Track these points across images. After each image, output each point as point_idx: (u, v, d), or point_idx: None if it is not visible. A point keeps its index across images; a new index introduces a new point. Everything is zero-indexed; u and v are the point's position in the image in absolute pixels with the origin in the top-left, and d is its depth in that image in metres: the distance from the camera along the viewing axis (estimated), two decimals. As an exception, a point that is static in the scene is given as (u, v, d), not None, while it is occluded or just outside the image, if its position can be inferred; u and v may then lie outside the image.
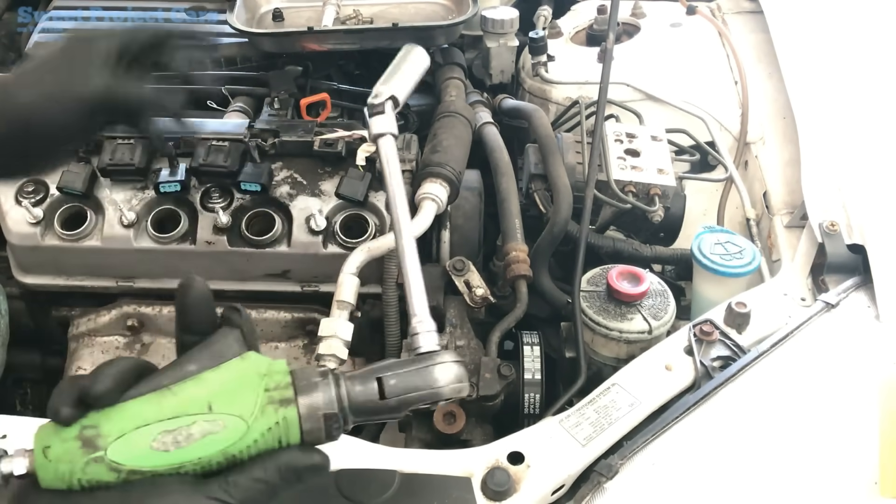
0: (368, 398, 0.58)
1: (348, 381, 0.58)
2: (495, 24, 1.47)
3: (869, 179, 1.12)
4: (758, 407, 0.85)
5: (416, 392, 0.59)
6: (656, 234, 1.25)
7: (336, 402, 0.56)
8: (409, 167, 1.13)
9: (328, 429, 0.56)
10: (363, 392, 0.58)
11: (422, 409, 0.64)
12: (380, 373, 0.59)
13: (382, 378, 0.59)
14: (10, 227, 1.11)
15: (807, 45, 1.41)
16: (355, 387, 0.58)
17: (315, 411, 0.56)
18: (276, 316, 1.17)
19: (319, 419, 0.56)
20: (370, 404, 0.58)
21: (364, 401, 0.58)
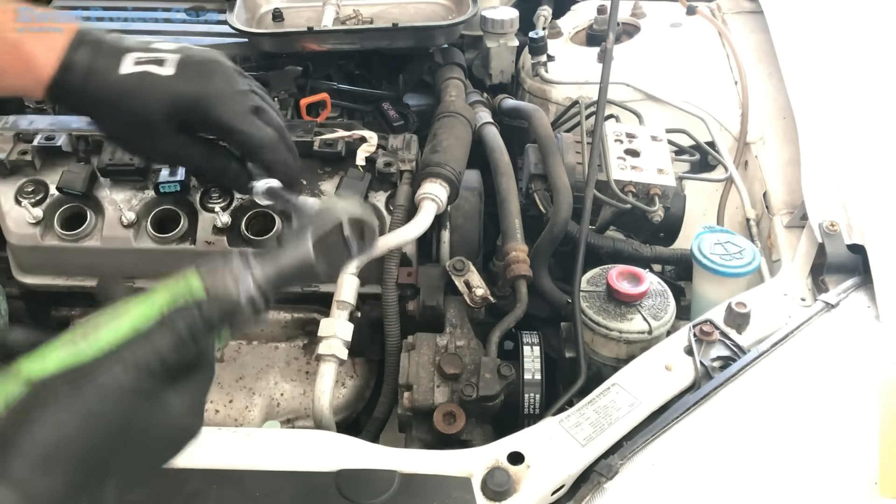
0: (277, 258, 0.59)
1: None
2: (495, 24, 1.47)
3: (869, 179, 1.12)
4: (758, 407, 0.85)
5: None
6: (656, 234, 1.25)
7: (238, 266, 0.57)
8: (409, 167, 1.13)
9: (231, 281, 0.56)
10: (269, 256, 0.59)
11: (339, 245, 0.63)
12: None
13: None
14: (9, 227, 1.11)
15: (807, 45, 1.41)
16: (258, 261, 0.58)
17: (214, 270, 0.56)
18: (275, 316, 1.17)
19: (221, 274, 0.56)
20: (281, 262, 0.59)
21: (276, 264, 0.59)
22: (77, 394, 0.51)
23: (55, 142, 1.13)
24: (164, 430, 0.57)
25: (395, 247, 1.03)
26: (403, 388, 0.98)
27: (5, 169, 1.12)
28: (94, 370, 0.52)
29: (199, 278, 0.56)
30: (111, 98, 0.76)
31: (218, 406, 1.11)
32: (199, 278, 0.56)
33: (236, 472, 0.79)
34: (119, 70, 0.76)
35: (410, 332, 1.04)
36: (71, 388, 0.51)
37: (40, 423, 0.50)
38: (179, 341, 0.54)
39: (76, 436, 0.51)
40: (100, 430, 0.52)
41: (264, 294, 0.58)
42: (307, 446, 0.83)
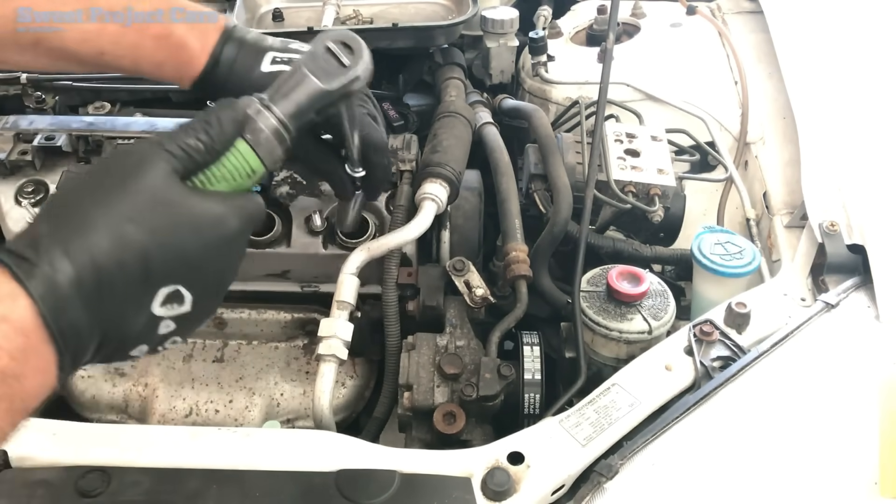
0: (297, 102, 0.70)
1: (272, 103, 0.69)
2: (495, 24, 1.47)
3: (869, 179, 1.12)
4: (758, 407, 0.85)
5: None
6: (656, 234, 1.25)
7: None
8: (409, 167, 1.13)
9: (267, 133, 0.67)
10: (290, 99, 0.69)
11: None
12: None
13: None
14: (10, 227, 1.11)
15: (807, 45, 1.41)
16: (279, 102, 0.69)
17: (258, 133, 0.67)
18: (275, 316, 1.17)
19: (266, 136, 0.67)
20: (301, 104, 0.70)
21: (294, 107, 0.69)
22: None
23: (55, 142, 1.13)
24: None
25: (395, 247, 1.03)
26: (403, 388, 0.98)
27: (5, 169, 1.12)
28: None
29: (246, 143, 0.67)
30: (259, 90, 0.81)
31: (218, 406, 1.11)
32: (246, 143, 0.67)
33: (236, 472, 0.79)
34: (260, 67, 0.84)
35: (410, 332, 1.04)
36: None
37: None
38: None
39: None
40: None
41: (288, 128, 0.68)
42: (307, 446, 0.83)
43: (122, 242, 0.57)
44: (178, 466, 0.79)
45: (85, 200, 0.58)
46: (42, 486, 0.76)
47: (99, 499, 0.76)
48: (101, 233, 0.57)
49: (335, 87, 0.71)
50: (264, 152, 0.67)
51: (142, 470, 0.79)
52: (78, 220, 0.57)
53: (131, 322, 0.60)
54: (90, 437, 0.83)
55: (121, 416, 1.13)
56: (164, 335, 0.63)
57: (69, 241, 0.56)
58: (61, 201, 0.60)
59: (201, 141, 0.64)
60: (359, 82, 0.73)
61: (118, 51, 0.82)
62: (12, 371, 0.52)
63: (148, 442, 0.83)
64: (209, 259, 0.63)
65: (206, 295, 0.65)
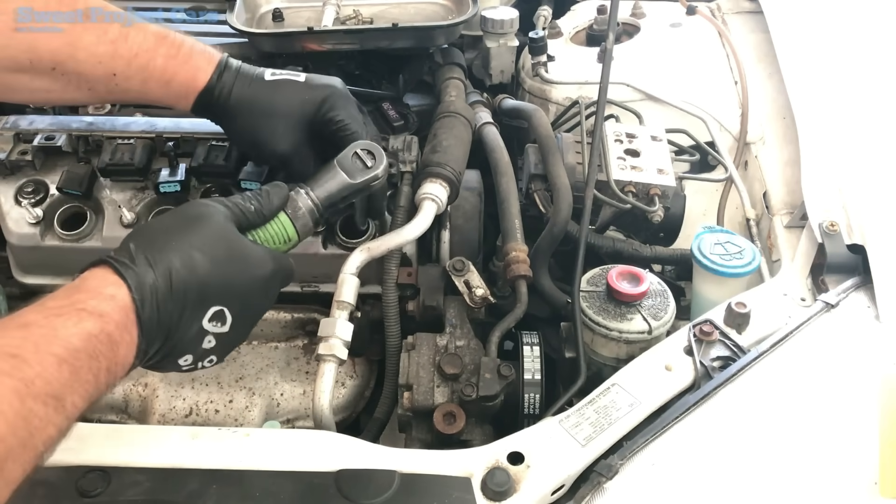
0: (329, 191, 0.90)
1: (310, 189, 0.89)
2: (495, 25, 1.47)
3: (869, 179, 1.12)
4: (757, 407, 0.85)
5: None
6: (656, 234, 1.25)
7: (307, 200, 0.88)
8: (409, 168, 1.13)
9: (303, 211, 0.88)
10: (324, 188, 0.90)
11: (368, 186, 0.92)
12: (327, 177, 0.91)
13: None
14: (10, 227, 1.11)
15: (807, 45, 1.41)
16: (316, 189, 0.89)
17: (297, 210, 0.87)
18: (275, 316, 1.17)
19: (302, 213, 0.87)
20: (332, 192, 0.90)
21: (326, 194, 0.89)
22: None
23: (55, 142, 1.13)
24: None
25: (395, 247, 1.03)
26: (403, 388, 0.98)
27: (5, 169, 1.12)
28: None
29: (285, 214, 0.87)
30: (263, 95, 0.94)
31: (218, 406, 1.11)
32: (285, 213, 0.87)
33: (236, 472, 0.79)
34: (265, 76, 0.96)
35: (410, 332, 1.04)
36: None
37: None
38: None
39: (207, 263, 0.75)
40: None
41: (320, 210, 0.89)
42: (307, 446, 0.83)
43: (190, 264, 0.73)
44: (178, 466, 0.80)
45: (165, 230, 0.76)
46: (42, 486, 0.76)
47: (99, 499, 0.76)
48: (175, 254, 0.73)
49: (359, 182, 0.91)
50: (300, 225, 0.87)
51: (142, 470, 0.79)
52: (160, 242, 0.73)
53: (186, 329, 0.74)
54: (90, 436, 0.83)
55: (121, 416, 1.13)
56: (205, 350, 0.77)
57: (153, 256, 0.72)
58: (147, 228, 0.77)
59: (254, 206, 0.83)
60: (378, 180, 0.92)
61: (129, 71, 0.91)
62: (115, 338, 0.67)
63: (148, 442, 0.83)
64: (250, 290, 0.79)
65: (243, 319, 0.79)
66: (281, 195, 0.85)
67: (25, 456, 0.58)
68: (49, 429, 0.60)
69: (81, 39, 0.87)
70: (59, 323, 0.64)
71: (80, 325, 0.64)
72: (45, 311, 0.65)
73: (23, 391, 0.58)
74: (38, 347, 0.61)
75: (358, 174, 0.91)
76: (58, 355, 0.61)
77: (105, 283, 0.69)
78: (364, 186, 0.92)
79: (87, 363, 0.64)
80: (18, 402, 0.57)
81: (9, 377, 0.58)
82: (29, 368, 0.59)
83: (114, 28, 0.89)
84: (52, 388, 0.60)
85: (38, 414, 0.59)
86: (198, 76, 0.93)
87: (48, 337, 0.62)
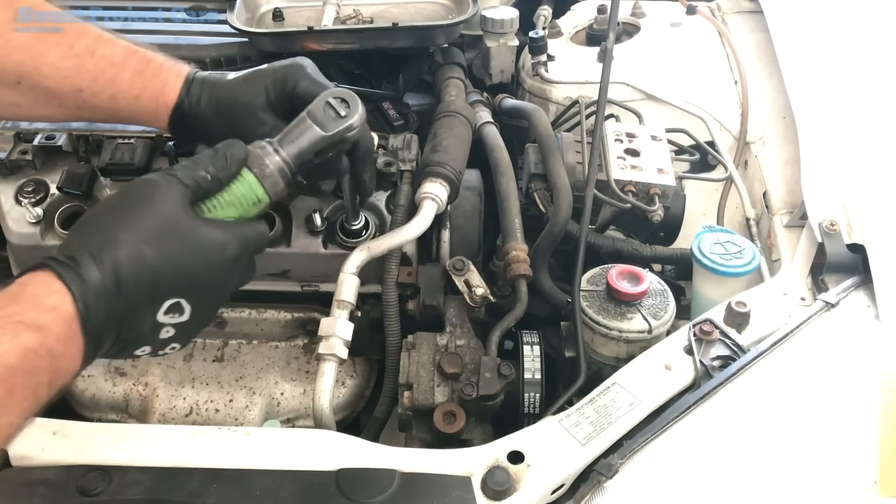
0: (300, 146, 0.82)
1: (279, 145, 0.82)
2: (495, 24, 1.47)
3: (869, 179, 1.12)
4: (757, 406, 0.85)
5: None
6: (656, 233, 1.25)
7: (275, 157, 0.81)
8: (410, 167, 1.13)
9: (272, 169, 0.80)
10: (295, 144, 0.82)
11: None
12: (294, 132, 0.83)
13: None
14: (10, 226, 1.11)
15: (807, 45, 1.41)
16: (286, 146, 0.82)
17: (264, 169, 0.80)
18: (276, 316, 1.17)
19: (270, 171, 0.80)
20: (303, 147, 0.82)
21: (297, 150, 0.82)
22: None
23: (55, 141, 1.13)
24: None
25: (395, 246, 1.03)
26: (403, 387, 0.98)
27: (6, 168, 1.12)
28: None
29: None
30: (227, 95, 0.91)
31: (218, 405, 1.11)
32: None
33: (236, 472, 0.79)
34: (227, 77, 0.94)
35: (410, 332, 1.04)
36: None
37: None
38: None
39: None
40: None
41: (291, 168, 0.81)
42: (307, 445, 0.83)
43: (139, 259, 0.69)
44: (178, 466, 0.80)
45: (112, 221, 0.70)
46: (43, 486, 0.76)
47: (99, 498, 0.76)
48: (123, 249, 0.68)
49: (332, 133, 0.84)
50: (269, 185, 0.80)
51: (142, 469, 0.79)
52: (105, 236, 0.69)
53: (139, 325, 0.71)
54: (90, 436, 0.83)
55: (121, 416, 1.13)
56: (164, 339, 0.74)
57: (99, 254, 0.67)
58: (93, 219, 0.72)
59: (209, 172, 0.76)
60: (353, 130, 0.85)
61: (96, 87, 0.88)
62: (57, 351, 0.64)
63: (148, 441, 0.83)
64: (208, 278, 0.74)
65: (203, 308, 0.76)
66: (238, 156, 0.79)
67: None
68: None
69: (47, 53, 0.85)
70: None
71: (16, 341, 0.61)
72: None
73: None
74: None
75: (330, 125, 0.84)
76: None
77: (47, 292, 0.65)
78: (339, 139, 0.85)
79: (24, 380, 0.61)
80: None
81: None
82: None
83: (81, 42, 0.87)
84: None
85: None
86: (166, 91, 0.90)
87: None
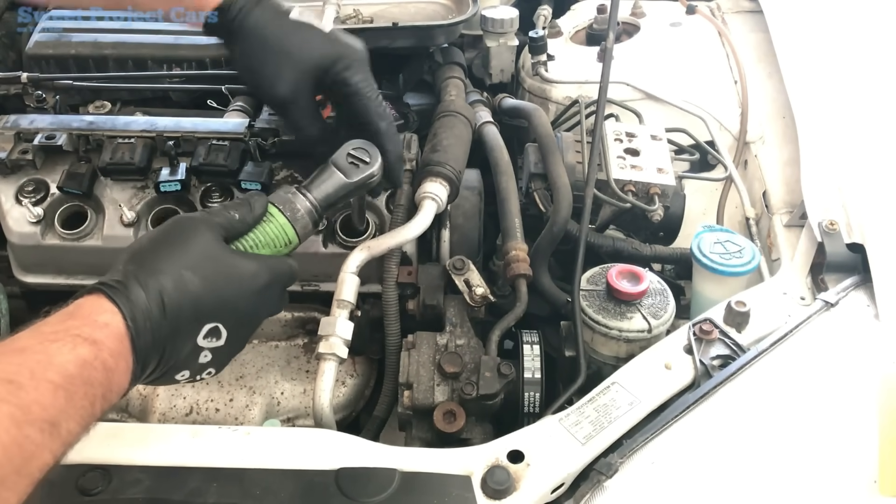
0: (326, 191, 0.90)
1: (308, 190, 0.89)
2: (495, 24, 1.47)
3: (869, 179, 1.12)
4: (757, 405, 0.85)
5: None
6: (656, 233, 1.25)
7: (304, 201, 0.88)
8: (410, 167, 1.13)
9: (302, 212, 0.87)
10: (321, 189, 0.89)
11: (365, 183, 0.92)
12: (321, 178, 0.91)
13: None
14: (10, 226, 1.11)
15: (807, 45, 1.41)
16: (313, 191, 0.89)
17: (296, 213, 0.87)
18: (276, 315, 1.17)
19: (301, 215, 0.87)
20: (329, 192, 0.90)
21: (324, 195, 0.89)
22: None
23: (56, 141, 1.13)
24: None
25: (395, 246, 1.03)
26: (403, 386, 0.98)
27: (6, 168, 1.13)
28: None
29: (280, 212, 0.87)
30: (280, 31, 0.91)
31: (218, 405, 1.11)
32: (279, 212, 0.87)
33: (237, 471, 0.79)
34: (290, 14, 0.93)
35: (410, 331, 1.04)
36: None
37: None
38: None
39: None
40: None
41: (319, 210, 0.89)
42: (307, 445, 0.83)
43: (181, 284, 0.73)
44: (178, 465, 0.80)
45: (154, 251, 0.75)
46: (43, 485, 0.76)
47: (100, 497, 0.76)
48: (167, 277, 0.73)
49: (355, 181, 0.91)
50: (300, 227, 0.87)
51: (142, 468, 0.79)
52: (149, 265, 0.73)
53: (180, 348, 0.74)
54: (91, 435, 0.82)
55: (121, 415, 1.13)
56: (202, 364, 0.78)
57: (145, 280, 0.72)
58: (137, 250, 0.76)
59: (237, 214, 0.82)
60: (374, 178, 0.93)
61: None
62: (110, 365, 0.66)
63: (148, 440, 0.83)
64: (242, 304, 0.78)
65: (237, 333, 0.80)
66: (261, 203, 0.85)
67: (21, 483, 0.57)
68: (45, 455, 0.59)
69: None
70: (54, 349, 0.63)
71: (75, 352, 0.64)
72: (39, 336, 0.65)
73: (19, 417, 0.57)
74: (34, 373, 0.61)
75: (354, 173, 0.91)
76: (53, 381, 0.61)
77: (99, 311, 0.69)
78: (361, 185, 0.92)
79: (83, 389, 0.63)
80: (15, 428, 0.57)
81: (5, 403, 0.57)
82: (25, 394, 0.59)
83: None
84: (48, 414, 0.60)
85: (34, 440, 0.58)
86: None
87: (44, 363, 0.62)
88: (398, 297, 1.07)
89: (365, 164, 0.92)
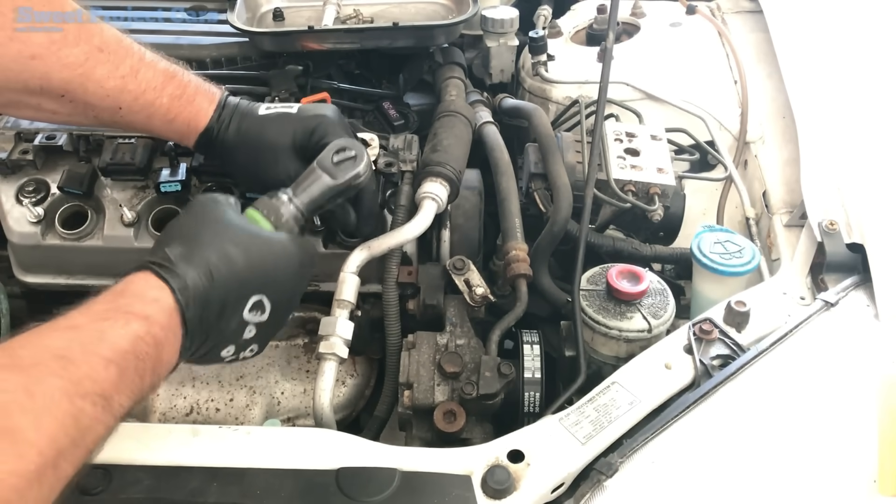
0: (311, 195, 0.89)
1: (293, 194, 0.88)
2: (495, 24, 1.47)
3: (868, 179, 1.12)
4: (757, 405, 0.85)
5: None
6: (656, 233, 1.25)
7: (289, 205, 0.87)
8: (410, 167, 1.13)
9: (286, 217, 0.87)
10: (307, 192, 0.89)
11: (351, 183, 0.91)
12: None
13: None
14: (10, 226, 1.11)
15: (807, 45, 1.41)
16: (299, 195, 0.88)
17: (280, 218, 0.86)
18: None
19: (286, 220, 0.86)
20: (315, 196, 0.89)
21: (309, 199, 0.88)
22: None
23: (56, 141, 1.13)
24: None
25: (395, 246, 1.03)
26: (404, 386, 0.98)
27: (6, 168, 1.13)
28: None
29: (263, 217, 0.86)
30: (256, 129, 0.97)
31: (219, 404, 1.11)
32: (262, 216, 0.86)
33: (237, 470, 0.79)
34: (258, 112, 0.98)
35: (411, 331, 1.04)
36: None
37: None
38: None
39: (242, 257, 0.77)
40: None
41: (304, 214, 0.88)
42: (308, 444, 0.83)
43: (227, 258, 0.76)
44: (178, 464, 0.80)
45: (194, 228, 0.78)
46: (43, 484, 0.77)
47: (100, 496, 0.76)
48: (211, 250, 0.75)
49: (341, 182, 0.90)
50: (285, 231, 0.85)
51: (143, 468, 0.79)
52: (192, 241, 0.76)
53: (228, 322, 0.77)
54: (91, 435, 0.83)
55: (122, 415, 1.13)
56: (247, 339, 0.80)
57: (191, 255, 0.74)
58: (178, 228, 0.79)
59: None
60: (360, 178, 0.91)
61: (135, 107, 0.93)
62: (160, 339, 0.69)
63: (149, 440, 0.83)
64: (283, 277, 0.81)
65: (280, 307, 0.82)
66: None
67: (77, 454, 0.59)
68: (98, 427, 0.61)
69: (94, 72, 0.89)
70: (105, 326, 0.66)
71: (127, 328, 0.66)
72: (91, 314, 0.67)
73: (71, 391, 0.59)
74: (86, 349, 0.63)
75: (339, 174, 0.90)
76: (105, 356, 0.63)
77: (148, 287, 0.71)
78: (347, 186, 0.91)
79: (134, 364, 0.66)
80: (67, 401, 0.59)
81: (58, 378, 0.59)
82: (77, 369, 0.61)
83: (126, 64, 0.91)
84: (99, 388, 0.62)
85: (88, 413, 0.60)
86: (199, 116, 0.96)
87: (95, 339, 0.64)
88: (398, 296, 1.07)
89: (351, 165, 0.90)
